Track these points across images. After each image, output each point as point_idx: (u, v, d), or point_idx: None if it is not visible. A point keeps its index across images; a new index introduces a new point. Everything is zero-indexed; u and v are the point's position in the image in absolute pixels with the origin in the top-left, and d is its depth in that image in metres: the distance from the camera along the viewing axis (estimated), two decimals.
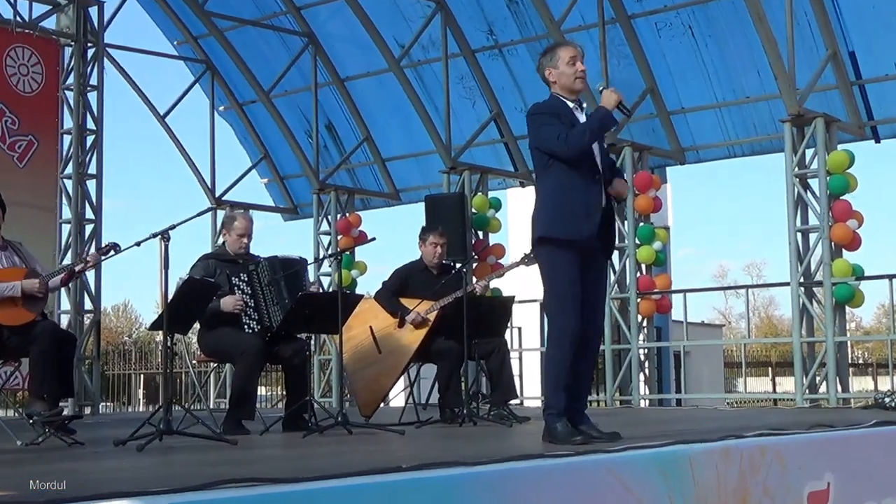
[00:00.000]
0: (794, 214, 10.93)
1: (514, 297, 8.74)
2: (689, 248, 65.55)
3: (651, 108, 13.10)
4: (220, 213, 14.57)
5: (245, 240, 7.65)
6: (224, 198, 15.49)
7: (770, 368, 28.59)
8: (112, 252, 6.65)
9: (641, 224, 12.56)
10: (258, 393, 8.19)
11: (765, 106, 12.51)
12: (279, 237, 57.90)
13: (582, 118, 5.51)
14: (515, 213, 18.61)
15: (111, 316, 41.41)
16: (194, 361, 9.33)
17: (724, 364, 24.81)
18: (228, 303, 7.31)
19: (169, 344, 6.11)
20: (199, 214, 6.46)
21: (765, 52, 10.73)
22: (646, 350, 12.75)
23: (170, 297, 6.09)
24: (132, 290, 69.54)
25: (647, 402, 12.78)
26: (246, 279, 7.47)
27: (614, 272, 12.50)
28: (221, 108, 16.14)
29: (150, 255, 6.00)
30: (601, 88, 5.49)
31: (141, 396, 23.43)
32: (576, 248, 5.36)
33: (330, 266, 14.45)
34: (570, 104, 5.52)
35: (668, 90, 13.04)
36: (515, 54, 13.69)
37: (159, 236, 5.93)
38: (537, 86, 5.76)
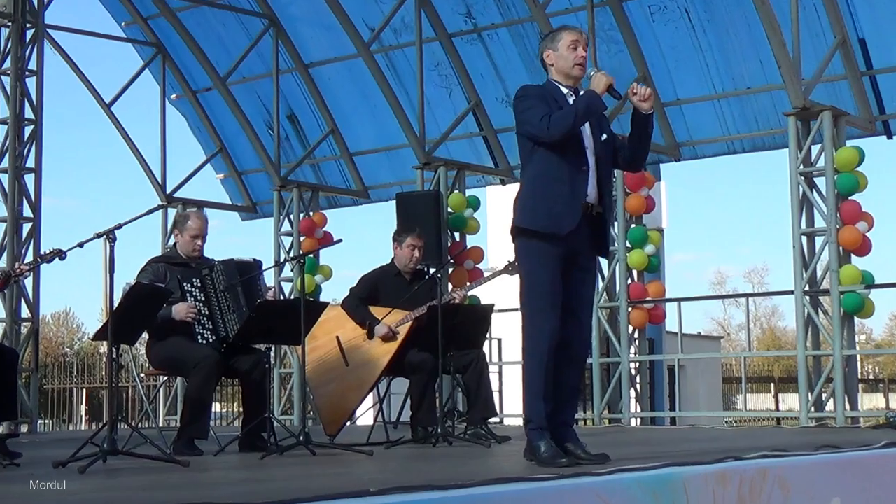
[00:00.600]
0: (798, 216, 10.97)
1: (493, 305, 8.72)
2: (684, 253, 65.84)
3: None
4: (172, 212, 14.56)
5: (199, 241, 7.63)
6: (176, 195, 15.45)
7: (772, 384, 28.78)
8: (56, 258, 6.59)
9: (633, 226, 12.58)
10: (212, 409, 8.16)
11: (767, 97, 12.58)
12: (236, 238, 57.78)
13: None
14: (495, 212, 18.67)
15: (51, 325, 41.15)
16: (142, 375, 9.30)
17: (722, 379, 24.95)
18: (180, 310, 7.28)
19: (114, 355, 6.08)
20: (147, 213, 6.46)
21: (767, 38, 10.77)
22: (637, 364, 12.78)
23: (115, 303, 6.07)
24: (74, 297, 69.39)
25: (639, 420, 12.80)
26: (199, 284, 7.44)
27: (603, 279, 12.49)
28: (173, 96, 16.09)
29: (93, 258, 5.98)
30: (591, 73, 5.54)
31: (83, 413, 23.30)
32: (557, 241, 5.37)
33: (292, 270, 14.43)
34: (565, 90, 5.57)
35: (662, 80, 13.08)
36: (496, 39, 13.67)
37: (104, 237, 5.91)
38: (520, 73, 5.80)
